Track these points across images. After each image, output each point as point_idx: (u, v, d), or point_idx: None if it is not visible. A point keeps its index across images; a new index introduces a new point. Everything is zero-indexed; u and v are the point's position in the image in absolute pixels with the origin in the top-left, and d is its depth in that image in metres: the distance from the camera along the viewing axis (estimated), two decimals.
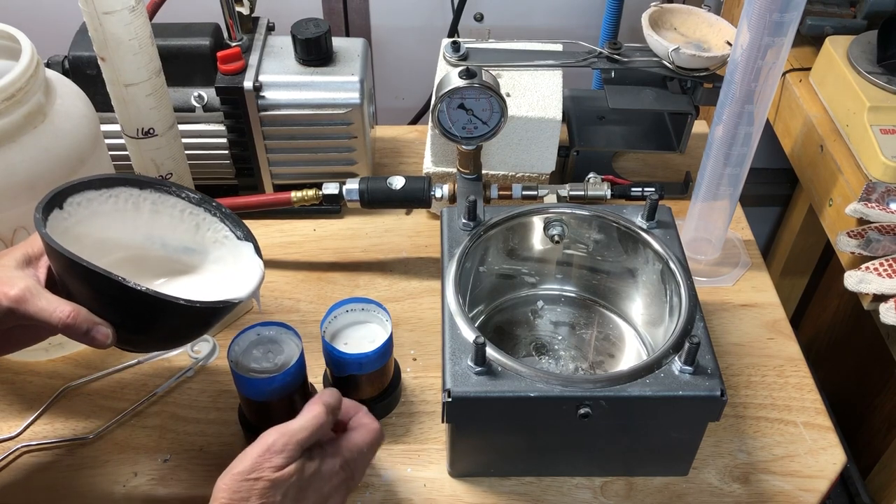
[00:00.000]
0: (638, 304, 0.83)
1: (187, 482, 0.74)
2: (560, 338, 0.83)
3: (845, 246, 0.84)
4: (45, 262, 0.62)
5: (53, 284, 0.61)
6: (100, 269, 0.56)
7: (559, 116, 0.93)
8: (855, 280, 0.82)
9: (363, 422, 0.66)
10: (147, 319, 0.61)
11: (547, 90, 0.96)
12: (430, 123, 0.90)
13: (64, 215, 0.63)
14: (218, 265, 0.70)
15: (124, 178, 0.67)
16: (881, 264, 0.81)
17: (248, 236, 0.70)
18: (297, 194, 0.90)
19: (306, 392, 0.75)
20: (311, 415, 0.62)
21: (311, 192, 0.89)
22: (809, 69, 1.04)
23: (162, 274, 0.69)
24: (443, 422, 0.66)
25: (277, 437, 0.59)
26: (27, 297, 0.58)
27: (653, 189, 0.90)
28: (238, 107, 0.92)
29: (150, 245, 0.69)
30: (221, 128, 0.94)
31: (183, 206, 0.69)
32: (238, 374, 0.69)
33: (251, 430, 0.75)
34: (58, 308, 0.58)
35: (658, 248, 0.77)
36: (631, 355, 0.81)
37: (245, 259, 0.69)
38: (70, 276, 0.59)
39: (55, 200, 0.62)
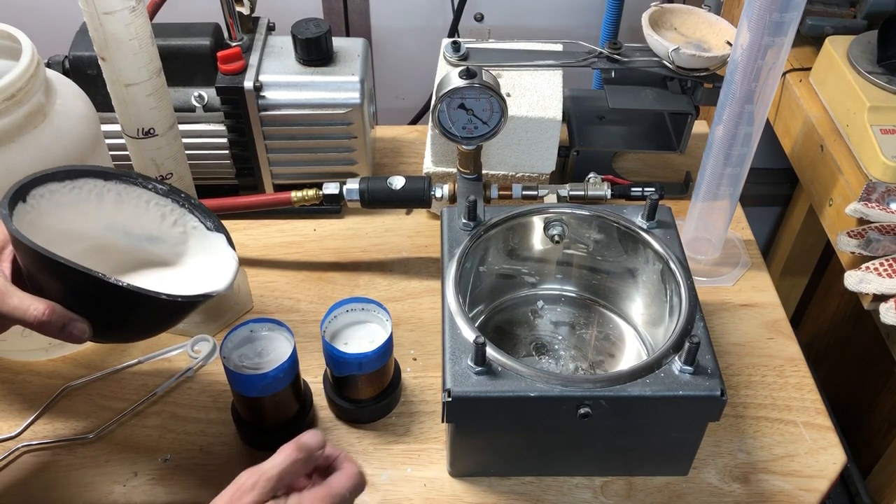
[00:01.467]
0: (638, 304, 0.83)
1: (187, 482, 0.74)
2: (560, 338, 0.83)
3: (845, 246, 0.84)
4: (8, 256, 0.61)
5: (18, 277, 0.60)
6: (79, 265, 0.55)
7: (559, 116, 0.93)
8: (855, 280, 0.82)
9: (345, 466, 0.64)
10: (124, 314, 0.61)
11: (547, 90, 0.96)
12: (430, 123, 0.90)
13: (27, 208, 0.62)
14: (187, 256, 0.70)
15: (88, 169, 0.67)
16: (881, 264, 0.81)
17: (220, 227, 0.69)
18: (297, 194, 0.90)
19: (299, 389, 0.76)
20: (283, 454, 0.60)
21: (311, 192, 0.89)
22: (809, 69, 1.04)
23: (126, 264, 0.68)
24: (443, 422, 0.66)
25: (248, 476, 0.58)
26: None
27: (653, 189, 0.90)
28: (238, 107, 0.92)
29: (112, 234, 0.68)
30: (221, 128, 0.94)
31: (149, 196, 0.69)
32: (230, 370, 0.69)
33: (244, 427, 0.76)
34: (31, 306, 0.57)
35: (658, 248, 0.77)
36: (631, 355, 0.81)
37: (218, 250, 0.68)
38: (44, 272, 0.58)
39: (19, 194, 0.61)
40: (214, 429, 0.78)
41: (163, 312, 0.62)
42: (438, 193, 0.88)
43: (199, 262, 0.69)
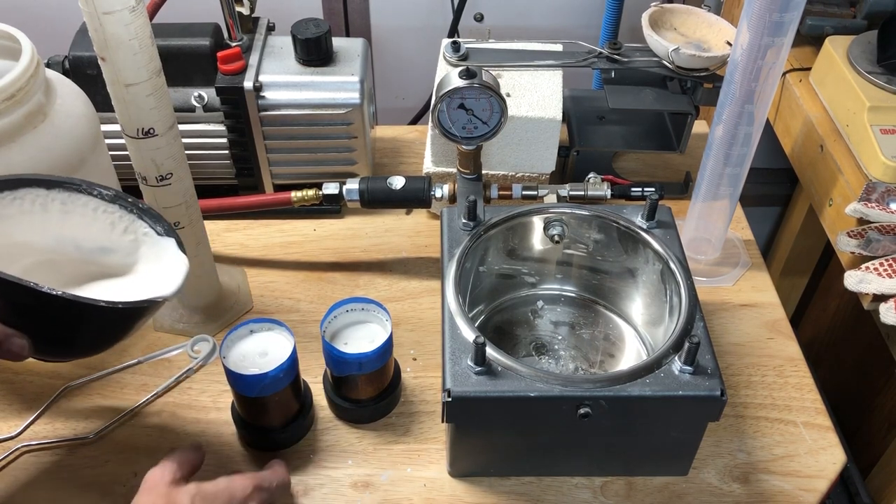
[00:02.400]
0: (638, 304, 0.83)
1: None
2: (560, 338, 0.83)
3: (845, 246, 0.84)
4: None
5: None
6: (8, 275, 0.53)
7: (559, 116, 0.93)
8: (855, 280, 0.82)
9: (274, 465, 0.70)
10: (66, 326, 0.58)
11: (547, 90, 0.96)
12: (430, 123, 0.90)
13: None
14: (140, 264, 0.67)
15: (29, 178, 0.64)
16: (881, 264, 0.81)
17: (170, 231, 0.67)
18: (297, 194, 0.90)
19: (299, 389, 0.76)
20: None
21: (311, 192, 0.89)
22: (809, 69, 1.04)
23: (79, 277, 0.66)
24: (443, 422, 0.66)
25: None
26: None
27: (653, 189, 0.90)
28: (238, 107, 0.92)
29: (63, 248, 0.66)
30: (221, 128, 0.94)
31: (96, 204, 0.66)
32: (230, 370, 0.69)
33: (244, 427, 0.76)
34: None
35: (658, 248, 0.77)
36: (631, 355, 0.81)
37: (168, 255, 0.66)
38: None
39: None
40: (214, 429, 0.78)
41: (106, 322, 0.59)
42: (438, 193, 0.88)
43: (150, 269, 0.66)
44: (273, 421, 0.75)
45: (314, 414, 0.79)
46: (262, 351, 0.72)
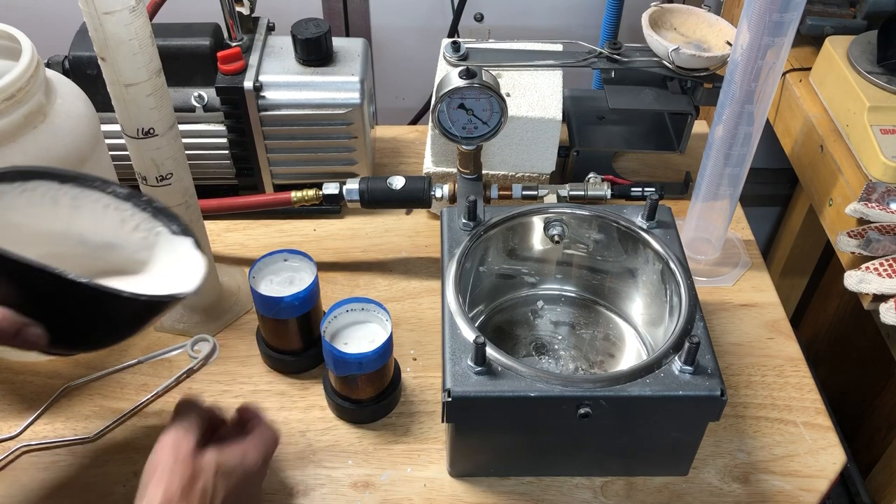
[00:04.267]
0: (638, 304, 0.83)
1: None
2: (560, 338, 0.83)
3: (845, 246, 0.84)
4: None
5: None
6: (34, 261, 0.51)
7: (559, 116, 0.93)
8: (855, 280, 0.82)
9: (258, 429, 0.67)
10: (84, 316, 0.56)
11: (547, 90, 0.96)
12: (430, 123, 0.90)
13: None
14: (152, 262, 0.66)
15: (43, 170, 0.63)
16: (881, 264, 0.81)
17: (187, 231, 0.67)
18: (297, 194, 0.90)
19: (317, 316, 0.81)
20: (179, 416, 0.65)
21: (311, 192, 0.89)
22: (809, 69, 1.04)
23: (85, 272, 0.62)
24: (443, 422, 0.66)
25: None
26: None
27: (653, 189, 0.90)
28: (238, 107, 0.92)
29: (67, 242, 0.64)
30: (221, 128, 0.94)
31: (108, 201, 0.65)
32: (256, 291, 0.76)
33: (266, 347, 0.82)
34: None
35: (658, 248, 0.77)
36: (631, 355, 0.81)
37: (184, 254, 0.65)
38: None
39: None
40: None
41: (125, 314, 0.58)
42: (438, 193, 0.88)
43: (164, 268, 0.66)
44: (293, 345, 0.81)
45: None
46: (288, 279, 0.79)
